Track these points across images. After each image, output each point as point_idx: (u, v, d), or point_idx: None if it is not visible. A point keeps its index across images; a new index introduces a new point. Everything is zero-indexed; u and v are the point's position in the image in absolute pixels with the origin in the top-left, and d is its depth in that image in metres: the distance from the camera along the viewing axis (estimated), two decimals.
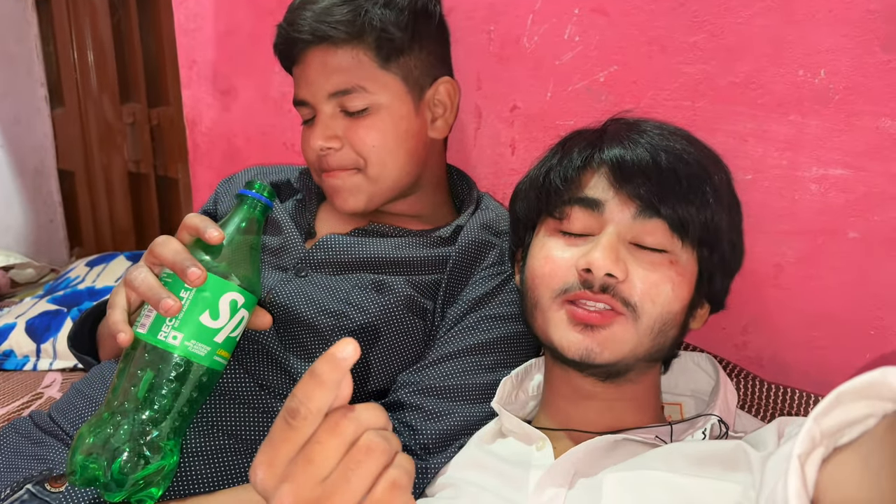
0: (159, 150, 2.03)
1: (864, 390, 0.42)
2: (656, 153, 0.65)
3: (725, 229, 0.68)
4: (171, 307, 0.59)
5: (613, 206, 0.66)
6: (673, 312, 0.66)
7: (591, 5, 0.89)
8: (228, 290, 0.62)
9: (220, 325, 0.62)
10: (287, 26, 0.86)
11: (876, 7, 0.72)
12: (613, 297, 0.64)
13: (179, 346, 0.60)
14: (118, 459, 0.58)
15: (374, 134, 0.84)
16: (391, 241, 0.86)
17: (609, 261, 0.63)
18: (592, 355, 0.65)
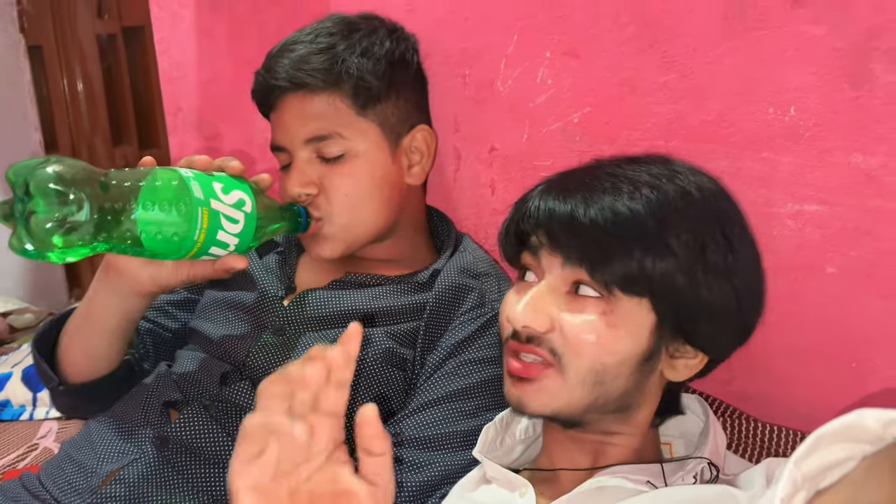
0: None
1: (842, 433, 0.42)
2: (584, 206, 0.64)
3: (675, 275, 0.63)
4: (203, 161, 0.70)
5: (545, 254, 0.67)
6: (606, 364, 0.63)
7: (563, 48, 0.90)
8: (246, 190, 0.71)
9: (222, 199, 0.68)
10: (265, 73, 0.87)
11: (842, 45, 0.73)
12: (539, 347, 0.64)
13: (185, 176, 0.66)
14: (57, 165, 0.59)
15: (349, 181, 0.85)
16: (368, 291, 0.86)
17: (525, 315, 0.64)
18: (522, 406, 0.65)
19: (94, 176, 0.61)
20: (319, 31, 0.86)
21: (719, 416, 0.82)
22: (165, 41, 1.43)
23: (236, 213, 0.69)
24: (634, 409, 0.68)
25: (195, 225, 0.66)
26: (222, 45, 1.33)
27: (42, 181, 0.57)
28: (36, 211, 0.57)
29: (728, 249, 0.66)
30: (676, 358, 0.67)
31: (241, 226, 0.70)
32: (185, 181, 0.66)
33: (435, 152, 0.94)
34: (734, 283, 0.66)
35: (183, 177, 0.66)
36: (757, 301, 0.71)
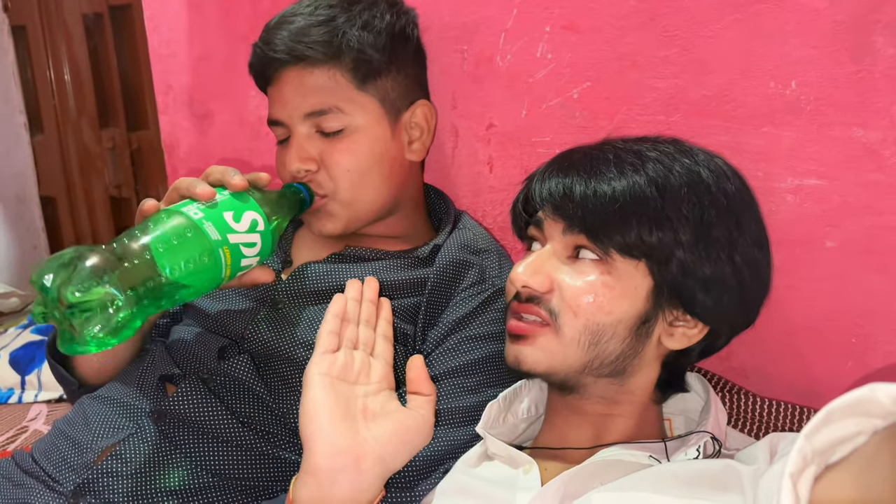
0: (140, 174, 2.03)
1: (854, 407, 0.42)
2: (587, 178, 0.67)
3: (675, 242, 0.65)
4: (206, 191, 0.67)
5: (549, 224, 0.69)
6: (601, 324, 0.65)
7: (562, 23, 0.90)
8: (255, 209, 0.70)
9: (237, 229, 0.67)
10: (263, 45, 0.85)
11: (843, 18, 0.72)
12: (538, 307, 0.67)
13: (197, 220, 0.64)
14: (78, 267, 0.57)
15: (350, 156, 0.84)
16: (369, 265, 0.86)
17: (524, 274, 0.67)
18: (517, 363, 0.68)
19: (109, 259, 0.59)
20: (319, 2, 0.85)
21: (719, 392, 0.82)
22: (155, 18, 1.41)
23: (252, 237, 0.69)
24: (630, 374, 0.69)
25: (220, 266, 0.66)
26: (214, 20, 1.31)
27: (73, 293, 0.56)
28: (75, 318, 0.57)
29: (734, 226, 0.67)
30: (675, 326, 0.68)
31: (258, 246, 0.70)
32: (199, 226, 0.64)
33: (435, 128, 0.93)
34: (736, 260, 0.67)
35: (194, 222, 0.64)
36: (761, 279, 0.72)
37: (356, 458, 0.63)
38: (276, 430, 0.77)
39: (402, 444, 0.66)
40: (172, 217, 0.64)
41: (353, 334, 0.72)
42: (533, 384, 0.78)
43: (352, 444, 0.63)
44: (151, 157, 1.95)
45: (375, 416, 0.66)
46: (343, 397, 0.66)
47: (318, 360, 0.67)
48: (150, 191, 2.02)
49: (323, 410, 0.64)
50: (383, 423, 0.66)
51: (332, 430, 0.63)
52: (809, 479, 0.43)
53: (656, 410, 0.73)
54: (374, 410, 0.67)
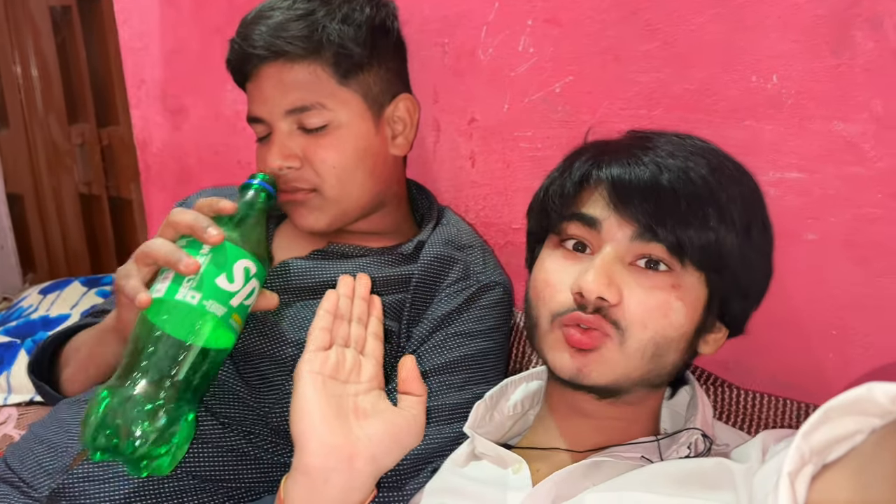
0: (111, 171, 1.98)
1: (851, 406, 0.42)
2: (658, 172, 0.63)
3: (735, 251, 0.64)
4: (191, 265, 0.63)
5: (611, 225, 0.64)
6: (668, 338, 0.63)
7: (544, 16, 0.89)
8: (242, 256, 0.67)
9: (235, 289, 0.65)
10: (241, 41, 0.83)
11: (823, 12, 0.73)
12: (604, 319, 0.63)
13: (197, 305, 0.63)
14: (137, 426, 0.59)
15: (334, 153, 0.82)
16: (352, 262, 0.85)
17: (601, 284, 0.62)
18: (581, 376, 0.64)
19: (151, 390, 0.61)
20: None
21: (702, 385, 0.82)
22: (126, 10, 1.38)
23: (250, 286, 0.67)
24: (660, 385, 0.69)
25: (237, 330, 0.67)
26: (187, 12, 1.28)
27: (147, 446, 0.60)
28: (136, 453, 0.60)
29: (765, 228, 0.69)
30: (710, 333, 0.68)
31: (257, 289, 0.69)
32: (203, 311, 0.63)
33: (418, 121, 0.92)
34: (767, 264, 0.70)
35: (197, 309, 0.63)
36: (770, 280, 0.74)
37: (349, 456, 0.61)
38: (258, 430, 0.76)
39: (394, 443, 0.65)
40: (174, 313, 0.63)
41: (345, 332, 0.70)
42: (519, 381, 0.78)
43: (345, 443, 0.62)
44: (122, 154, 1.91)
45: (367, 415, 0.65)
46: (335, 396, 0.64)
47: (310, 358, 0.65)
48: (121, 188, 1.97)
49: (315, 408, 0.62)
50: (375, 422, 0.64)
51: (325, 428, 0.62)
52: (807, 478, 0.43)
53: (660, 407, 0.73)
54: (366, 409, 0.65)
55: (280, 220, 0.95)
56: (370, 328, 0.72)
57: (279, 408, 0.75)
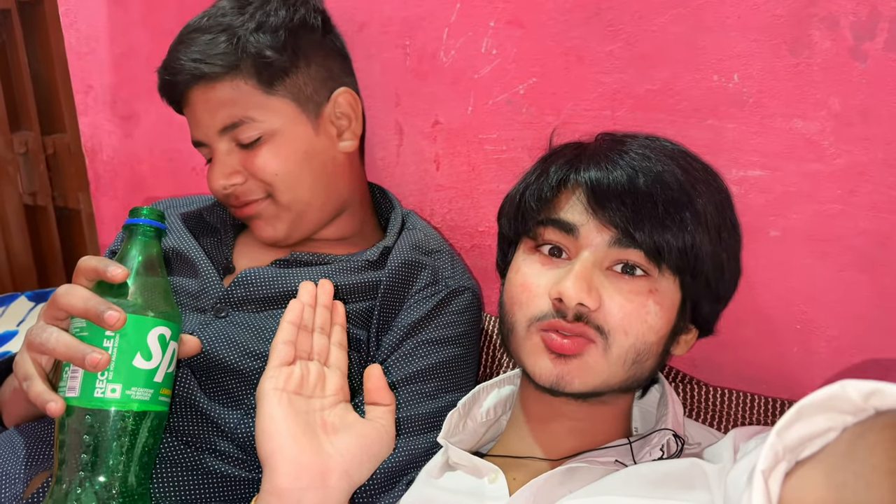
0: (57, 180, 1.91)
1: (825, 404, 0.43)
2: (634, 176, 0.63)
3: (708, 254, 0.64)
4: (100, 361, 0.56)
5: (589, 230, 0.64)
6: (648, 343, 0.63)
7: (506, 17, 0.89)
8: (152, 325, 0.60)
9: (155, 365, 0.60)
10: (164, 71, 0.83)
11: (781, 12, 0.74)
12: (587, 325, 0.62)
13: (121, 399, 0.57)
14: None
15: (274, 162, 0.81)
16: (315, 269, 0.83)
17: (581, 290, 0.61)
18: (563, 384, 0.63)
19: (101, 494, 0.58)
20: (213, 13, 0.82)
21: (671, 383, 0.83)
22: (72, 13, 1.33)
23: (169, 351, 0.62)
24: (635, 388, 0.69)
25: (167, 403, 0.62)
26: (137, 15, 1.24)
27: None
28: None
29: (734, 229, 0.70)
30: (682, 334, 0.69)
31: (177, 349, 0.64)
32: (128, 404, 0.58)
33: (363, 114, 0.90)
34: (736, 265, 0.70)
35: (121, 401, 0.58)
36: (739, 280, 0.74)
37: (321, 474, 0.60)
38: (223, 447, 0.73)
39: (366, 455, 0.63)
40: (98, 412, 0.58)
41: (308, 344, 0.68)
42: (491, 388, 0.77)
43: (316, 461, 0.60)
44: (69, 162, 1.84)
45: (336, 430, 0.63)
46: (301, 412, 0.62)
47: (273, 374, 0.63)
48: (68, 198, 1.90)
49: (282, 427, 0.60)
50: (345, 437, 0.63)
51: (295, 447, 0.60)
52: (780, 475, 0.43)
53: (632, 405, 0.74)
54: (334, 424, 0.64)
55: (241, 229, 0.92)
56: (333, 337, 0.70)
57: (245, 423, 0.73)
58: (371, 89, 0.98)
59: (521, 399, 0.73)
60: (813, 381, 0.80)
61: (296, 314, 0.67)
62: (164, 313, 0.61)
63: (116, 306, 0.57)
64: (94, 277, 0.60)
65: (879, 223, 0.74)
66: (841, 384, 0.42)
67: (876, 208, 0.74)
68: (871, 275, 0.75)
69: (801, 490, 0.42)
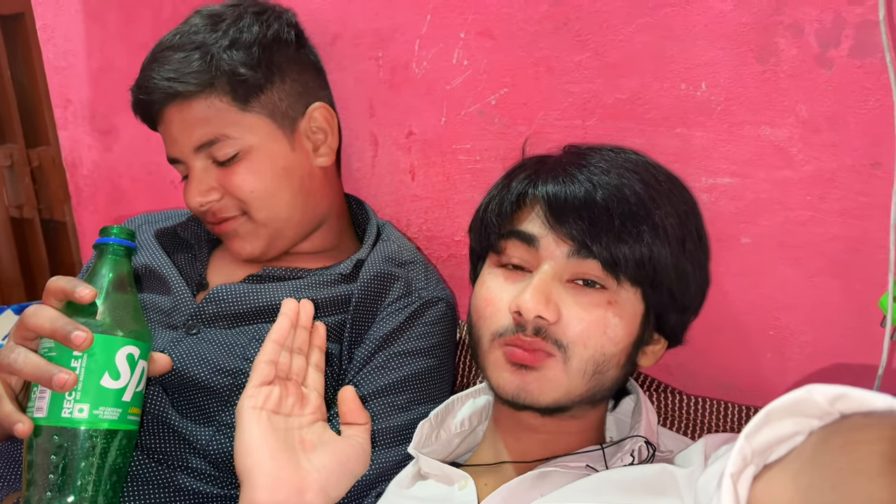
0: (42, 193, 1.91)
1: (792, 408, 0.43)
2: (592, 190, 0.63)
3: (670, 265, 0.64)
4: (67, 381, 0.56)
5: (548, 242, 0.64)
6: (608, 355, 0.63)
7: (477, 28, 0.89)
8: (120, 345, 0.60)
9: (123, 384, 0.60)
10: (138, 90, 0.83)
11: (747, 20, 0.74)
12: (545, 340, 0.62)
13: (88, 419, 0.57)
14: None
15: (251, 178, 0.81)
16: (288, 284, 0.83)
17: (538, 303, 0.61)
18: (523, 395, 0.63)
19: None
20: (185, 30, 0.82)
21: (646, 391, 0.83)
22: (49, 28, 1.33)
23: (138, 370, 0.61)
24: (602, 400, 0.69)
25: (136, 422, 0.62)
26: (113, 30, 1.24)
27: None
28: None
29: (700, 240, 0.70)
30: (648, 345, 0.69)
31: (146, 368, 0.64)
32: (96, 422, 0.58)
33: (339, 128, 0.90)
34: (703, 276, 0.70)
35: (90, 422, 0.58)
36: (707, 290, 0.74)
37: (299, 489, 0.60)
38: (195, 464, 0.73)
39: (343, 472, 0.64)
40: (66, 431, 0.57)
41: (286, 363, 0.68)
42: (466, 398, 0.77)
43: (294, 476, 0.61)
44: (54, 175, 1.84)
45: (314, 447, 0.64)
46: (280, 430, 0.63)
47: (252, 393, 0.64)
48: (54, 210, 1.90)
49: (261, 444, 0.61)
50: (323, 453, 0.64)
51: (273, 462, 0.60)
52: (749, 478, 0.44)
53: (604, 417, 0.73)
54: (312, 441, 0.65)
55: (215, 245, 0.92)
56: (312, 359, 0.70)
57: (217, 440, 0.73)
58: (345, 101, 0.98)
59: (494, 411, 0.74)
60: (787, 387, 0.79)
61: (282, 334, 0.67)
62: (133, 332, 0.61)
63: (84, 326, 0.57)
64: (63, 298, 0.60)
65: (850, 229, 0.74)
66: (807, 389, 0.42)
67: (846, 214, 0.74)
68: (842, 280, 0.75)
69: (769, 493, 0.43)
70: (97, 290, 0.60)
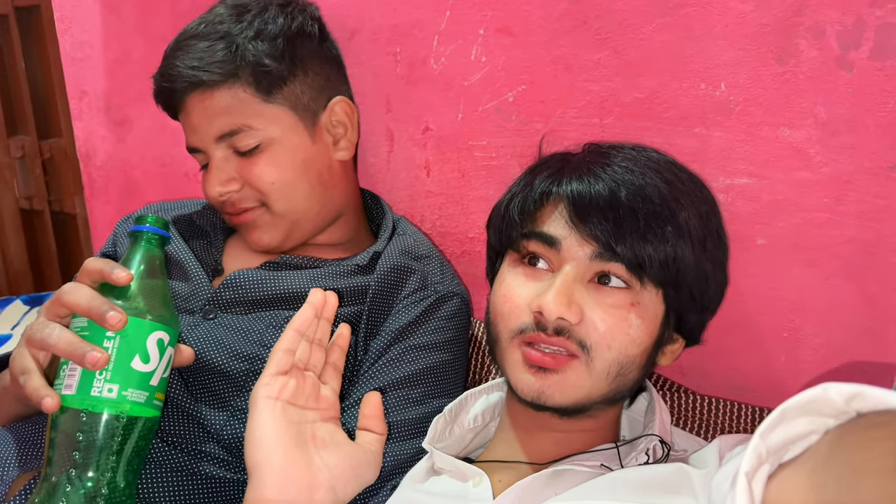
0: (53, 185, 1.91)
1: (807, 406, 0.43)
2: (617, 189, 0.62)
3: (691, 266, 0.64)
4: (100, 359, 0.57)
5: (571, 243, 0.63)
6: (631, 356, 0.63)
7: (496, 25, 0.89)
8: (152, 329, 0.61)
9: (152, 368, 0.60)
10: (160, 78, 0.83)
11: (767, 21, 0.74)
12: (568, 339, 0.62)
13: (117, 399, 0.58)
14: None
15: (271, 170, 0.81)
16: (305, 273, 0.83)
17: (561, 304, 0.60)
18: (544, 398, 0.63)
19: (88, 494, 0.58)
20: (210, 20, 0.82)
21: (659, 391, 0.83)
22: (67, 19, 1.33)
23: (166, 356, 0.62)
24: (620, 400, 0.69)
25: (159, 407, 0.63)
26: (130, 21, 1.24)
27: None
28: None
29: (720, 240, 0.69)
30: (667, 345, 0.68)
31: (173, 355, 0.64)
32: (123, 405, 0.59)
33: (358, 123, 0.91)
34: (722, 276, 0.70)
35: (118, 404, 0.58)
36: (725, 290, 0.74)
37: (309, 487, 0.60)
38: (209, 448, 0.73)
39: (352, 476, 0.63)
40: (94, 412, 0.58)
41: (305, 354, 0.66)
42: (479, 394, 0.77)
43: (305, 474, 0.60)
44: (65, 167, 1.85)
45: (326, 445, 0.63)
46: (294, 422, 0.62)
47: (268, 382, 0.62)
48: (64, 202, 1.91)
49: (273, 436, 0.60)
50: (335, 453, 0.63)
51: (284, 458, 0.60)
52: (764, 477, 0.43)
53: (619, 415, 0.73)
54: (324, 439, 0.63)
55: (230, 233, 0.92)
56: (331, 357, 0.69)
57: (231, 424, 0.73)
58: (362, 96, 0.98)
59: (508, 408, 0.73)
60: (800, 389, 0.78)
61: (304, 323, 0.66)
62: (164, 318, 0.62)
63: (119, 307, 0.58)
64: (99, 279, 0.61)
65: (866, 232, 0.74)
66: (823, 387, 0.42)
67: (862, 217, 0.74)
68: (858, 283, 0.75)
69: (783, 492, 0.42)
70: (132, 275, 0.61)
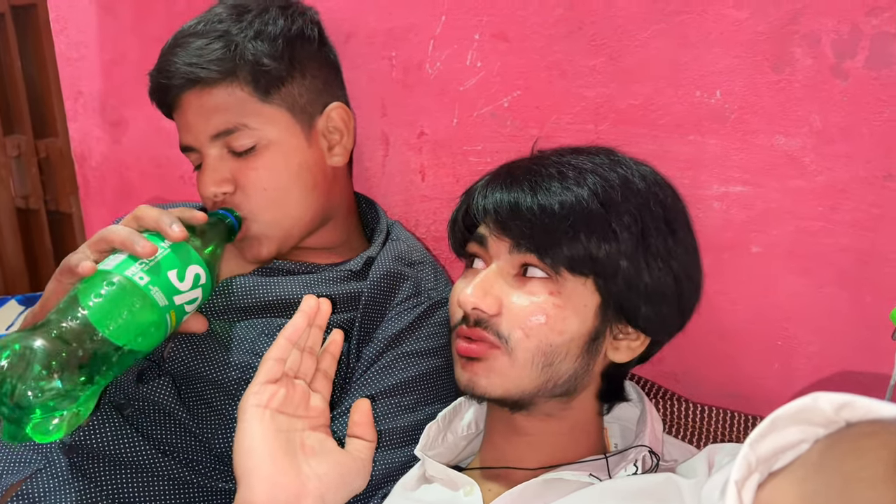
0: (49, 184, 1.91)
1: (797, 415, 0.43)
2: (536, 189, 0.66)
3: (621, 256, 0.65)
4: (148, 247, 0.63)
5: (493, 241, 0.68)
6: (555, 345, 0.64)
7: (491, 31, 0.89)
8: (198, 262, 0.67)
9: (183, 289, 0.65)
10: (157, 74, 0.82)
11: (763, 29, 0.74)
12: (486, 331, 0.65)
13: (144, 286, 0.62)
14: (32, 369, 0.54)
15: (266, 174, 0.80)
16: (298, 278, 0.82)
17: (474, 296, 0.65)
18: (472, 386, 0.66)
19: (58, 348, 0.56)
20: (209, 18, 0.81)
21: (652, 398, 0.83)
22: (62, 19, 1.33)
23: (195, 293, 0.67)
24: (578, 392, 0.68)
25: (166, 329, 0.65)
26: (126, 21, 1.24)
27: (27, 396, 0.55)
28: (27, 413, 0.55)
29: (668, 234, 0.68)
30: (619, 339, 0.68)
31: (199, 300, 0.68)
32: (147, 294, 0.62)
33: (354, 129, 0.90)
34: (673, 268, 0.68)
35: (142, 289, 0.62)
36: (695, 285, 0.73)
37: (297, 495, 0.59)
38: (201, 458, 0.73)
39: (342, 484, 0.63)
40: (117, 285, 0.61)
41: (296, 362, 0.67)
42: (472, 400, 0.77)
43: (294, 482, 0.60)
44: (61, 166, 1.84)
45: (315, 453, 0.63)
46: (283, 430, 0.62)
47: (258, 391, 0.62)
48: (60, 202, 1.90)
49: (261, 445, 0.60)
50: (324, 461, 0.63)
51: (273, 466, 0.59)
52: (753, 486, 0.43)
53: (598, 423, 0.73)
54: (313, 447, 0.63)
55: None
56: (322, 365, 0.70)
57: (222, 433, 0.73)
58: (357, 100, 0.98)
59: (487, 416, 0.74)
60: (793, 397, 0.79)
61: (296, 331, 0.66)
62: (209, 266, 0.69)
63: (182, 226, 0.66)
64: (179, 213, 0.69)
65: (860, 240, 0.74)
66: (813, 396, 0.42)
67: (857, 225, 0.74)
68: (851, 292, 0.75)
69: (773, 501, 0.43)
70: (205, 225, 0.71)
